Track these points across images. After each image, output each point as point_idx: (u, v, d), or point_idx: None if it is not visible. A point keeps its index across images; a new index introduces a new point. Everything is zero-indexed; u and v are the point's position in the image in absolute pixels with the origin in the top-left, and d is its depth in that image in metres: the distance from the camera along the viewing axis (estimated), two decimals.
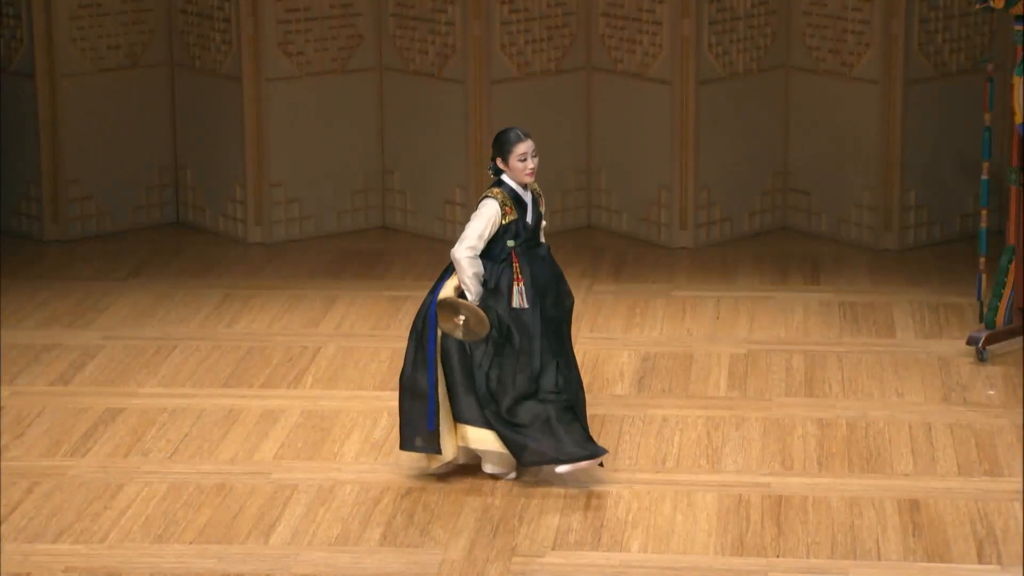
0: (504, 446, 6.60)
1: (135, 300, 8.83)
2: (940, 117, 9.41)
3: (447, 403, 6.64)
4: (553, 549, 6.28)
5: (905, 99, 9.32)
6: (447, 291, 6.64)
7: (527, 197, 6.68)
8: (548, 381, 6.61)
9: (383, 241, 9.77)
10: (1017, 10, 7.80)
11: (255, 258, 9.53)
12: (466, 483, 6.78)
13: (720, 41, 9.47)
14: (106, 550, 6.30)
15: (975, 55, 9.34)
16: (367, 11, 9.75)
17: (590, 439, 6.64)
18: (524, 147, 6.63)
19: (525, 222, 6.66)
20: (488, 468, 6.76)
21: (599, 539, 6.34)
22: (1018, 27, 7.85)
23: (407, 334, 6.81)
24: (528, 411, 6.59)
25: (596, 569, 6.15)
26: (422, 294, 9.03)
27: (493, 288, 6.60)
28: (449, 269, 6.73)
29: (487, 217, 6.60)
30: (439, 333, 6.62)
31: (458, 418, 6.64)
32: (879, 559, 6.18)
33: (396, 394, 7.65)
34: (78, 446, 7.15)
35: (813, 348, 8.06)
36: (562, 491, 6.70)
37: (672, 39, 9.40)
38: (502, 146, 6.65)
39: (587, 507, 6.57)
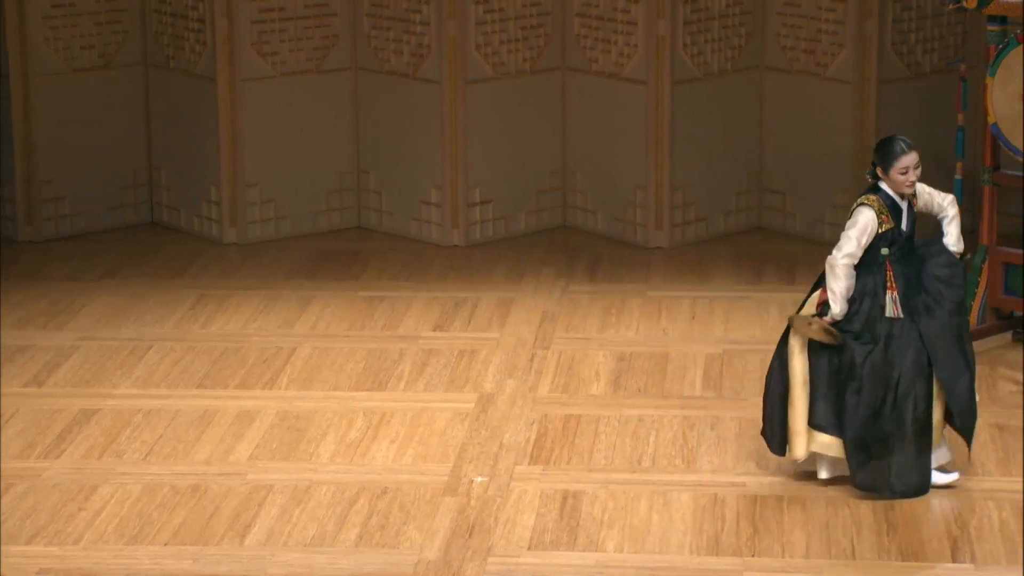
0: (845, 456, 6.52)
1: (109, 301, 8.81)
2: (913, 117, 9.43)
3: (804, 408, 6.53)
4: (529, 549, 6.28)
5: (879, 99, 9.35)
6: (808, 308, 6.56)
7: (903, 204, 6.55)
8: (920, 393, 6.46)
9: (359, 241, 9.76)
10: (990, 10, 7.83)
11: (230, 258, 9.51)
12: (441, 483, 6.78)
13: (695, 41, 9.48)
14: (80, 551, 6.28)
15: (948, 55, 9.37)
16: (342, 11, 9.73)
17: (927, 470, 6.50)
18: (908, 160, 6.49)
19: (901, 229, 6.53)
20: (823, 473, 6.65)
21: (575, 539, 6.34)
22: (991, 27, 7.88)
23: (383, 335, 6.80)
24: (878, 428, 6.47)
25: (572, 569, 6.15)
26: (398, 294, 9.05)
27: (871, 292, 6.45)
28: (814, 286, 6.60)
29: (864, 225, 6.45)
30: (794, 345, 6.52)
31: (812, 423, 6.54)
32: (854, 558, 6.20)
33: (372, 395, 7.66)
34: (52, 447, 7.13)
35: None
36: (538, 490, 6.71)
37: (647, 39, 9.41)
38: (884, 157, 6.51)
39: (563, 507, 6.57)
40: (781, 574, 6.10)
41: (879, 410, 6.47)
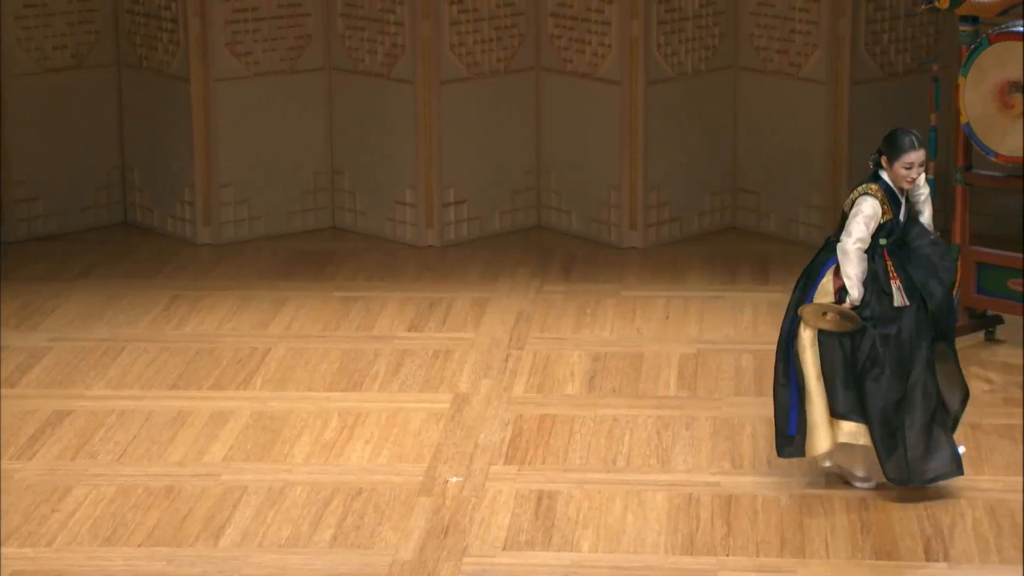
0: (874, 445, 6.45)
1: (83, 301, 8.78)
2: (886, 117, 9.46)
3: (822, 401, 6.48)
4: (504, 549, 6.28)
5: (852, 99, 9.37)
6: (819, 297, 6.49)
7: (901, 195, 6.54)
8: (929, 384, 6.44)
9: (333, 241, 9.75)
10: (962, 11, 7.86)
11: (204, 259, 9.49)
12: (416, 483, 6.78)
13: (669, 41, 9.50)
14: (53, 553, 6.25)
15: (920, 55, 9.40)
16: (315, 11, 9.72)
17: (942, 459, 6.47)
18: (914, 156, 6.46)
19: (899, 220, 6.53)
20: (859, 484, 6.60)
21: (550, 539, 6.34)
22: (963, 28, 7.92)
23: (357, 335, 6.79)
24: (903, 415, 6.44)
25: (547, 569, 6.15)
26: (373, 295, 9.04)
27: (871, 278, 6.42)
28: (807, 277, 6.55)
29: (872, 211, 6.43)
30: (805, 339, 6.48)
31: (835, 413, 6.47)
32: (828, 557, 6.22)
33: (347, 395, 7.65)
34: (25, 449, 7.10)
35: (763, 347, 8.09)
36: (512, 491, 6.71)
37: (621, 39, 9.42)
38: (892, 148, 6.48)
39: (538, 507, 6.58)
40: (756, 573, 6.11)
41: (901, 397, 6.44)
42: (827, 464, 6.63)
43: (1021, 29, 7.64)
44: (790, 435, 6.56)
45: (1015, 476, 6.78)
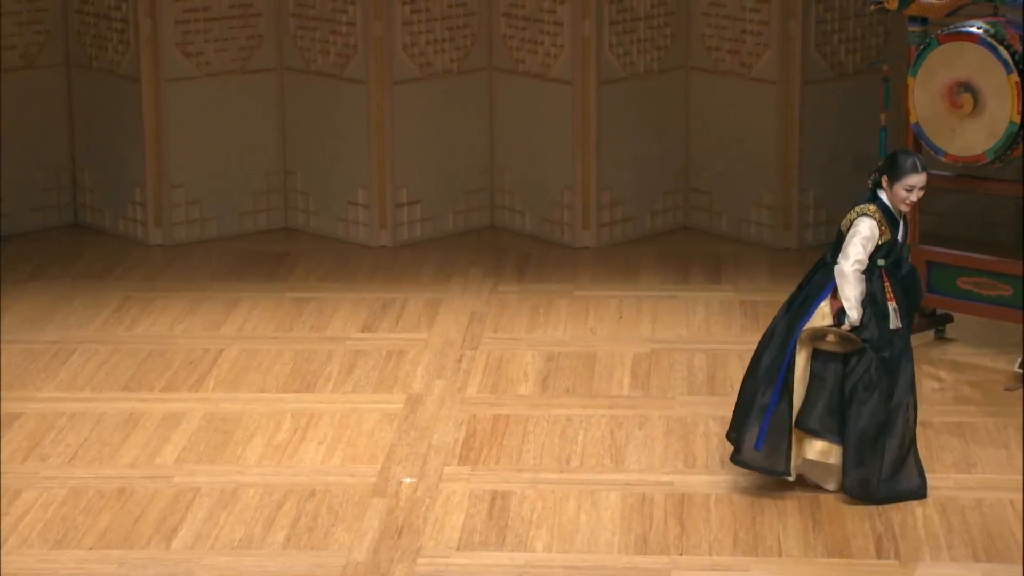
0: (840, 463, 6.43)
1: (33, 303, 8.72)
2: (837, 117, 9.52)
3: (788, 419, 6.43)
4: (458, 550, 6.28)
5: (802, 99, 9.42)
6: (817, 320, 6.44)
7: (900, 216, 6.50)
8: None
9: (286, 242, 9.72)
10: (911, 11, 7.91)
11: (156, 260, 9.44)
12: (370, 484, 6.77)
13: (621, 42, 9.52)
14: (4, 556, 6.21)
15: (870, 56, 9.46)
16: (267, 11, 9.69)
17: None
18: (915, 180, 6.44)
19: (897, 240, 6.49)
20: (832, 486, 6.56)
21: (504, 539, 6.35)
22: (912, 28, 7.97)
23: (311, 336, 6.77)
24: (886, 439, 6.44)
25: (501, 569, 6.16)
26: (326, 295, 9.02)
27: (870, 300, 6.39)
28: (804, 299, 6.49)
29: (870, 233, 6.39)
30: (799, 364, 6.42)
31: (806, 428, 6.43)
32: (780, 555, 6.24)
33: (300, 396, 7.63)
34: None
35: (715, 347, 8.13)
36: (466, 491, 6.71)
37: (573, 40, 9.43)
38: (894, 170, 6.45)
39: (492, 507, 6.58)
40: (709, 572, 6.13)
41: (885, 420, 6.44)
42: (790, 478, 6.59)
43: (970, 29, 7.70)
44: (756, 449, 6.52)
45: (964, 474, 6.83)
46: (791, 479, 6.58)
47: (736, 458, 6.59)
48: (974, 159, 7.71)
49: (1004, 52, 7.58)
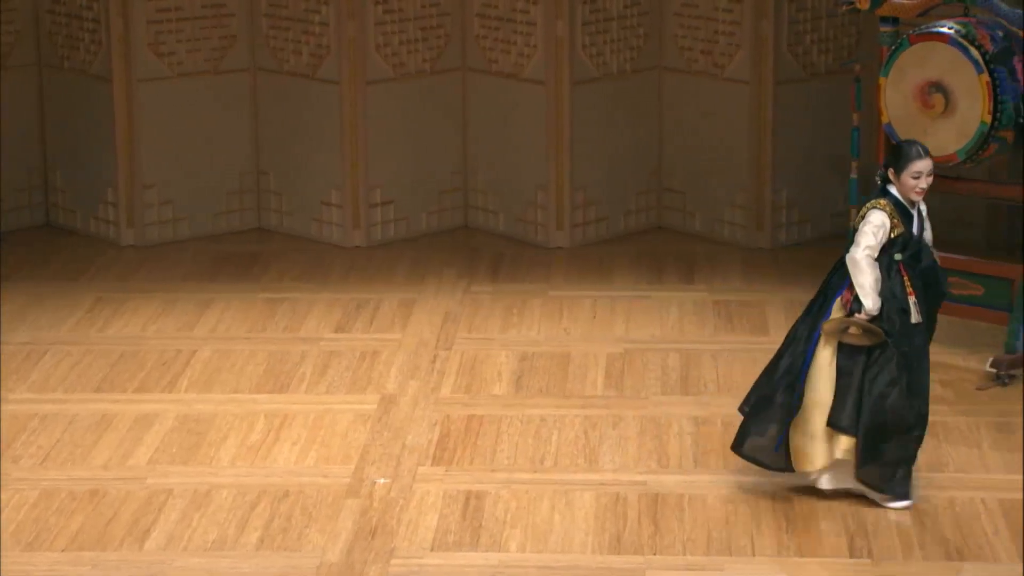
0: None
1: (4, 304, 8.68)
2: (809, 117, 9.54)
3: (823, 415, 6.39)
4: (432, 550, 6.28)
5: (775, 99, 9.44)
6: (836, 314, 6.40)
7: (913, 208, 6.47)
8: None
9: (258, 243, 9.70)
10: (882, 11, 7.94)
11: (128, 261, 9.41)
12: (344, 485, 6.76)
13: (594, 42, 9.53)
14: None
15: (842, 56, 9.49)
16: (239, 11, 9.67)
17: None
18: (921, 165, 6.41)
19: (912, 233, 6.45)
20: (825, 484, 6.52)
21: (478, 539, 6.35)
22: (884, 28, 8.00)
23: (284, 336, 6.76)
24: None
25: (475, 569, 6.16)
26: (299, 296, 9.00)
27: (888, 296, 6.34)
28: (824, 296, 6.46)
29: (878, 223, 6.36)
30: (823, 360, 6.39)
31: (836, 425, 6.39)
32: (754, 555, 6.26)
33: (273, 397, 7.61)
34: None
35: (688, 347, 8.14)
36: (440, 491, 6.70)
37: (546, 40, 9.44)
38: (898, 159, 6.43)
39: (465, 507, 6.58)
40: (683, 571, 6.14)
41: (905, 414, 6.43)
42: (825, 487, 6.55)
43: (941, 30, 7.73)
44: (775, 452, 6.51)
45: (936, 473, 6.86)
46: (826, 488, 6.55)
47: (740, 450, 6.58)
48: (946, 159, 7.73)
49: (975, 52, 7.61)
